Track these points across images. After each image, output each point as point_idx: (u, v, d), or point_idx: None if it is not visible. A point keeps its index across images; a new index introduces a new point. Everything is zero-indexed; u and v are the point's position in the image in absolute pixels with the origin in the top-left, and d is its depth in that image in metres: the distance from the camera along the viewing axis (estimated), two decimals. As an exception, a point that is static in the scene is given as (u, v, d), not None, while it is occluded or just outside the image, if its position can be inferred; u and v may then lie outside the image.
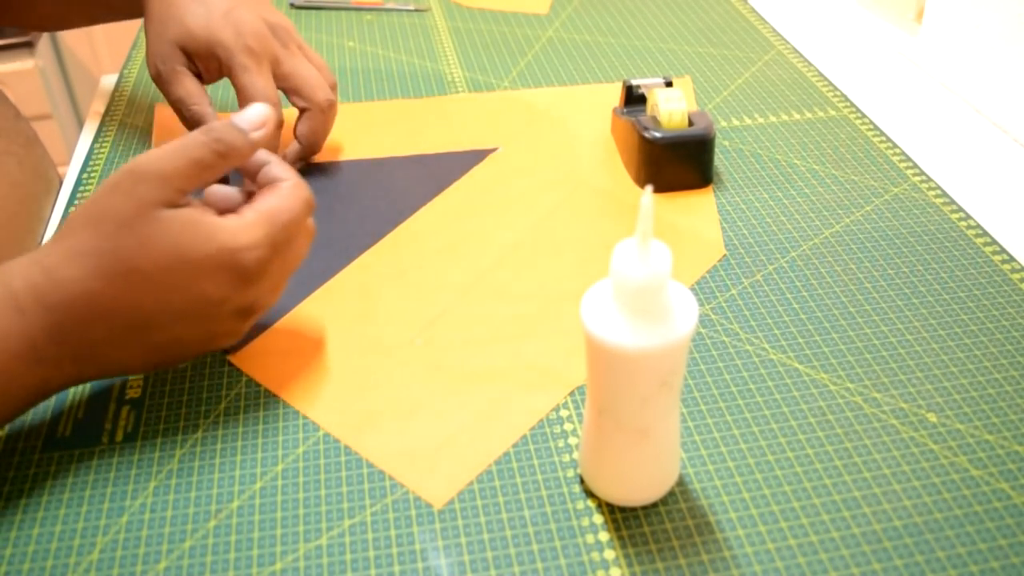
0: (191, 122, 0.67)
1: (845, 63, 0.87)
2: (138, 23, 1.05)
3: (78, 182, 0.71)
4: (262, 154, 0.51)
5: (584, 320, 0.40)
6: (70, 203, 0.69)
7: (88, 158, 0.74)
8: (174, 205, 0.46)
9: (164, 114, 0.79)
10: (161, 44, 0.67)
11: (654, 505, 0.45)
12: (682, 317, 0.39)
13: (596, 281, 0.60)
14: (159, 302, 0.46)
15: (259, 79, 0.65)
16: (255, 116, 0.50)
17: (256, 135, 0.49)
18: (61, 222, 0.60)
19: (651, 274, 0.38)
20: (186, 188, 0.47)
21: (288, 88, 0.67)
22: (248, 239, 0.47)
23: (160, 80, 0.67)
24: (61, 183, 0.77)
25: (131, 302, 0.45)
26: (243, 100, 0.65)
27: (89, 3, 0.76)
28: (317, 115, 0.68)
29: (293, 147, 0.70)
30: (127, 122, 0.79)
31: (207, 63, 0.67)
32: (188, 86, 0.67)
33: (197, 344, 0.49)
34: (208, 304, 0.47)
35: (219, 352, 0.54)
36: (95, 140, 0.76)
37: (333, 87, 0.70)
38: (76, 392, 0.52)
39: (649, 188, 0.38)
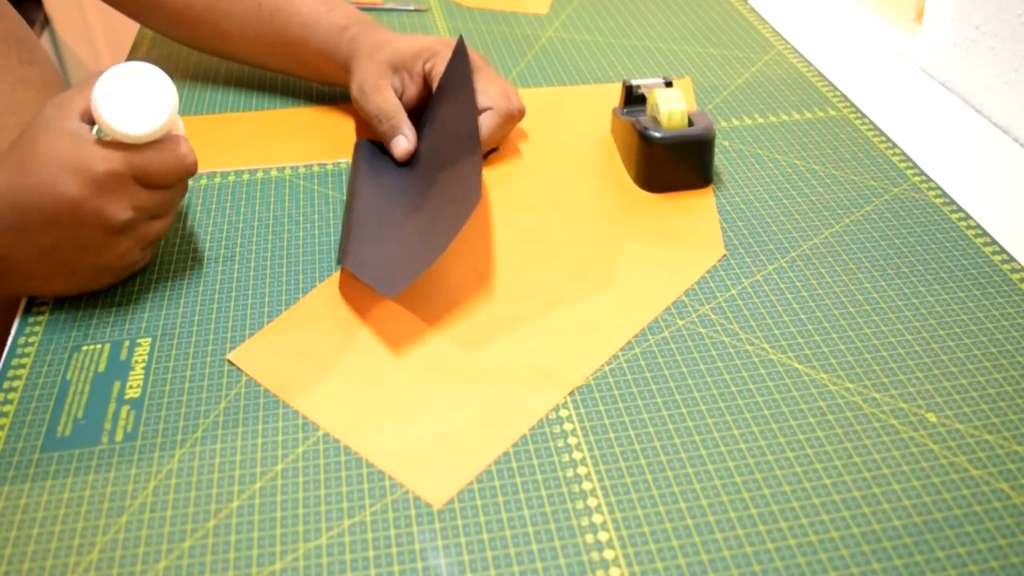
0: (387, 135, 0.70)
1: (845, 63, 0.87)
2: (137, 25, 1.05)
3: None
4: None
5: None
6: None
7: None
8: (71, 120, 0.54)
9: None
10: (370, 65, 0.71)
11: (654, 505, 0.45)
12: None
13: (595, 281, 0.60)
14: (33, 197, 0.53)
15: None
16: None
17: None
18: None
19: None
20: (83, 110, 0.55)
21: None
22: (106, 152, 0.53)
23: (361, 96, 0.70)
24: None
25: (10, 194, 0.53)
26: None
27: (291, 64, 0.79)
28: (495, 117, 0.70)
29: None
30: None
31: (411, 69, 0.71)
32: (390, 96, 0.70)
33: (71, 254, 0.55)
34: (66, 201, 0.53)
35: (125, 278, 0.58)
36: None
37: (521, 112, 0.72)
38: (76, 392, 0.52)
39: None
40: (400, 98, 0.71)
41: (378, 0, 1.01)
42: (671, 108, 0.67)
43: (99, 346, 0.55)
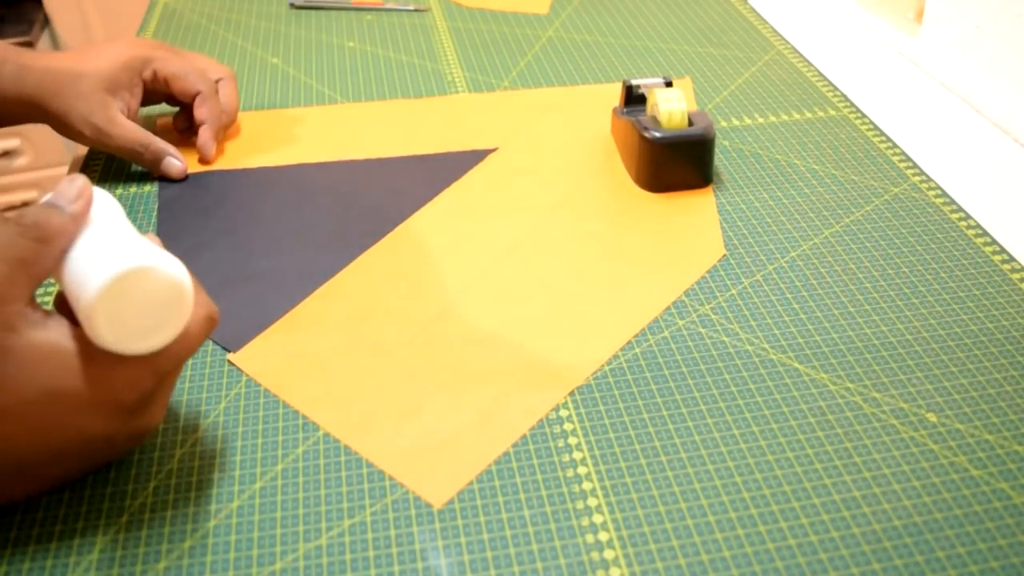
0: (153, 163, 0.69)
1: (845, 63, 0.87)
2: (137, 25, 1.05)
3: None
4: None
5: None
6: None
7: (88, 158, 0.74)
8: (26, 325, 0.40)
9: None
10: (85, 102, 0.65)
11: (654, 505, 0.45)
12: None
13: (596, 281, 0.60)
14: (34, 443, 0.41)
15: (183, 60, 0.70)
16: (69, 190, 0.43)
17: (74, 208, 0.42)
18: None
19: None
20: (23, 295, 0.40)
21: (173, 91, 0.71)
22: (126, 375, 0.41)
23: (100, 135, 0.66)
24: None
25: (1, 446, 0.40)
26: (182, 81, 0.70)
27: None
28: (215, 92, 0.71)
29: (203, 131, 0.71)
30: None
31: (129, 86, 0.68)
32: (128, 125, 0.67)
33: (94, 466, 0.46)
34: (92, 440, 0.42)
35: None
36: (95, 140, 0.76)
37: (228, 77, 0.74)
38: (76, 392, 0.52)
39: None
40: (129, 118, 0.68)
41: (378, 0, 1.01)
42: (671, 108, 0.67)
43: (99, 346, 0.55)
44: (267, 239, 0.64)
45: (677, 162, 0.67)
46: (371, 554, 0.43)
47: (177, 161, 0.69)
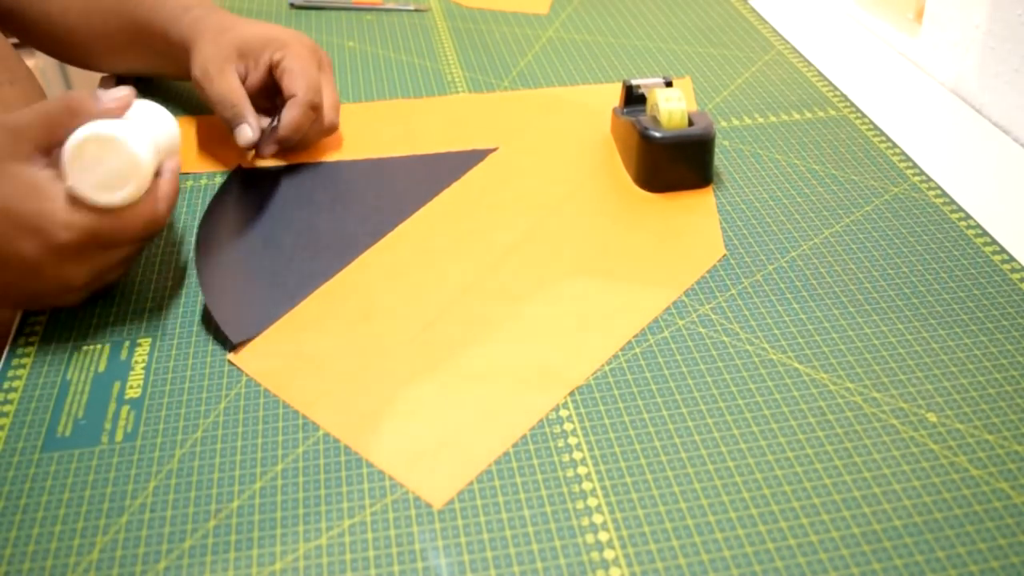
0: (232, 123, 0.68)
1: (845, 63, 0.87)
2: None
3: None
4: (167, 163, 0.55)
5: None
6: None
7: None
8: (28, 160, 0.51)
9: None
10: (215, 48, 0.69)
11: (654, 505, 0.45)
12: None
13: (596, 281, 0.60)
14: None
15: (309, 64, 0.69)
16: (115, 91, 0.54)
17: (107, 104, 0.53)
18: None
19: None
20: (39, 141, 0.51)
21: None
22: (69, 218, 0.50)
23: (205, 78, 0.68)
24: None
25: None
26: (290, 80, 0.68)
27: (146, 56, 0.78)
28: (297, 107, 0.69)
29: (273, 127, 0.71)
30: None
31: (258, 58, 0.69)
32: (234, 82, 0.68)
33: (24, 296, 0.54)
34: (22, 262, 0.51)
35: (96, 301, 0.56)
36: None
37: (333, 109, 0.72)
38: (76, 392, 0.52)
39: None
40: (243, 84, 0.70)
41: (378, 0, 1.01)
42: (671, 108, 0.67)
43: (99, 346, 0.55)
44: (267, 239, 0.64)
45: (677, 162, 0.67)
46: (371, 554, 0.43)
47: (250, 131, 0.68)
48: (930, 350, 0.54)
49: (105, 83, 0.86)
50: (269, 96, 0.72)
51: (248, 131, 0.68)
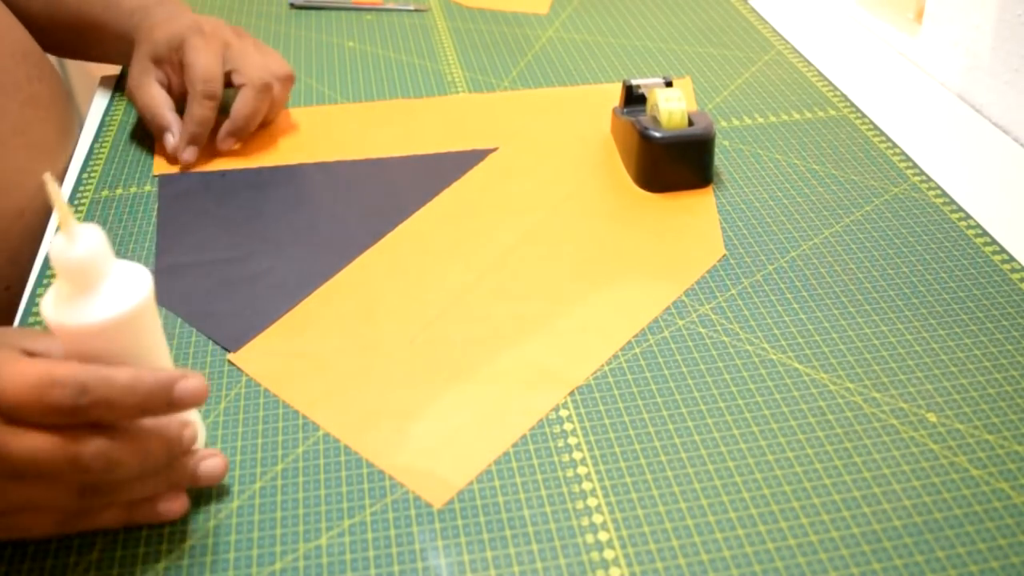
0: (156, 130, 0.71)
1: (845, 63, 0.87)
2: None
3: (78, 181, 0.71)
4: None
5: (42, 308, 0.39)
6: (71, 199, 0.69)
7: (88, 158, 0.74)
8: None
9: None
10: (136, 59, 0.72)
11: (654, 505, 0.45)
12: (122, 296, 0.40)
13: (596, 281, 0.60)
14: None
15: (204, 55, 0.69)
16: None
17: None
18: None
19: (77, 255, 0.38)
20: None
21: (231, 69, 0.71)
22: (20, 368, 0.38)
23: (130, 94, 0.72)
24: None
25: None
26: (187, 76, 0.69)
27: (112, 55, 0.81)
28: (249, 91, 0.71)
29: (225, 124, 0.72)
30: (127, 121, 0.79)
31: (172, 61, 0.71)
32: (152, 92, 0.71)
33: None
34: None
35: None
36: (95, 140, 0.76)
37: (283, 79, 0.73)
38: (76, 392, 0.52)
39: (47, 175, 0.39)
40: (169, 90, 0.72)
41: (378, 0, 1.01)
42: (671, 108, 0.67)
43: (99, 346, 0.55)
44: (267, 239, 0.64)
45: (677, 162, 0.67)
46: (371, 554, 0.43)
47: (172, 137, 0.71)
48: (930, 350, 0.54)
49: (105, 83, 0.86)
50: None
51: (169, 139, 0.71)
